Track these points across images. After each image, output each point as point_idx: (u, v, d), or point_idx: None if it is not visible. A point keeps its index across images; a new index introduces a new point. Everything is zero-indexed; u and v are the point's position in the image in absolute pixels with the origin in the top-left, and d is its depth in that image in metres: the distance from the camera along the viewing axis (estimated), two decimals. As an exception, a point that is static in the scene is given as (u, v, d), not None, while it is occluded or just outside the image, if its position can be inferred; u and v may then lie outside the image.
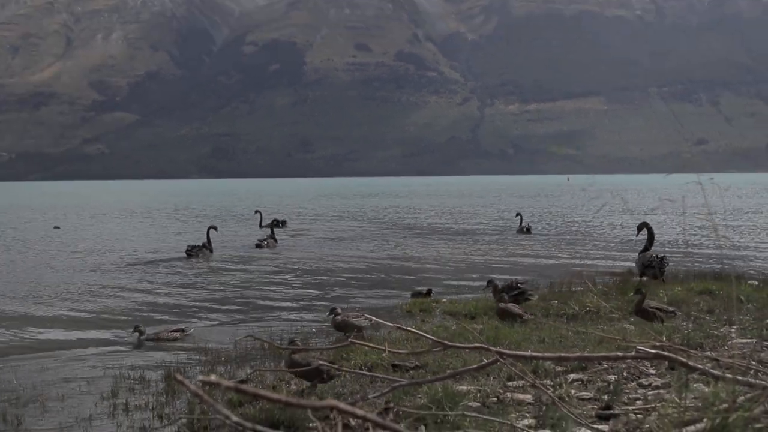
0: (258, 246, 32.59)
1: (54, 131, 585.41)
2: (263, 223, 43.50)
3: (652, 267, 17.30)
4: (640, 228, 18.97)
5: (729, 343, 10.50)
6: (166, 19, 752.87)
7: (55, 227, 46.18)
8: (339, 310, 12.97)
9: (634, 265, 18.57)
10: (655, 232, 18.74)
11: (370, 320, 12.83)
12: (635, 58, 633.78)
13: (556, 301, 15.15)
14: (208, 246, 31.08)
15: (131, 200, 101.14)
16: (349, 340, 9.41)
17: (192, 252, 30.37)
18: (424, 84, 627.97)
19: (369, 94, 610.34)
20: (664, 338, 9.37)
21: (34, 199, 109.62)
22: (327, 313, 13.34)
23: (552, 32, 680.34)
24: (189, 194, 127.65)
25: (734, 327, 11.78)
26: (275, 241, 33.73)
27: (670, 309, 12.91)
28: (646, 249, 18.13)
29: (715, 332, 11.34)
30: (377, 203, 79.82)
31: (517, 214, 41.07)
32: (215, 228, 33.04)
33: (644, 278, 17.38)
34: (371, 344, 8.52)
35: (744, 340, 10.65)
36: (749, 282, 16.89)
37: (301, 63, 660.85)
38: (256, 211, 45.94)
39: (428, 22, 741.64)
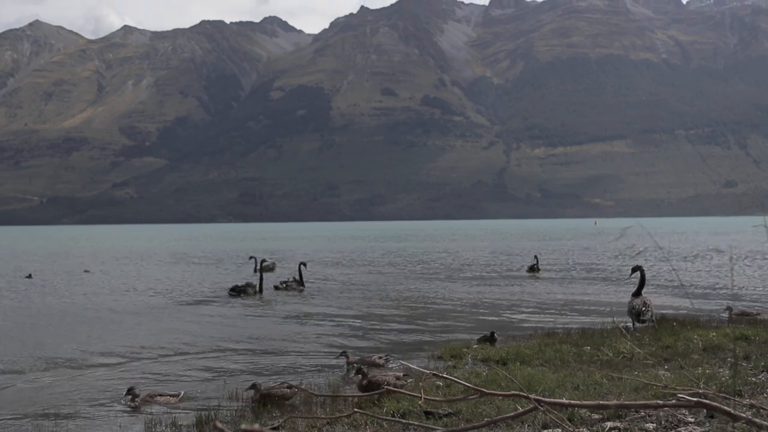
0: (276, 288, 32.66)
1: (84, 176, 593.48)
2: (257, 268, 43.69)
3: (644, 320, 17.38)
4: (633, 270, 18.94)
5: (768, 390, 10.41)
6: (196, 65, 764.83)
7: (85, 271, 46.73)
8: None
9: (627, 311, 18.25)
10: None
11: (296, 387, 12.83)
12: (661, 100, 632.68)
13: (589, 347, 14.97)
14: (258, 285, 31.72)
15: (157, 245, 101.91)
16: (385, 387, 9.34)
17: (235, 292, 30.96)
18: (450, 128, 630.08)
19: (395, 139, 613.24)
20: (702, 384, 9.54)
21: (65, 244, 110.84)
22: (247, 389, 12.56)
23: (577, 76, 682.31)
24: (210, 239, 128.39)
25: (772, 374, 11.57)
26: (302, 284, 33.47)
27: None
28: (638, 293, 18.11)
29: (754, 379, 11.13)
30: (398, 247, 79.76)
31: (535, 257, 42.87)
32: (272, 269, 33.50)
33: (638, 325, 17.39)
34: (406, 391, 8.48)
35: (783, 388, 10.51)
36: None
37: (327, 108, 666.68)
38: (251, 257, 45.89)
39: (454, 67, 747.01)
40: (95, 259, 62.57)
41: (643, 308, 17.56)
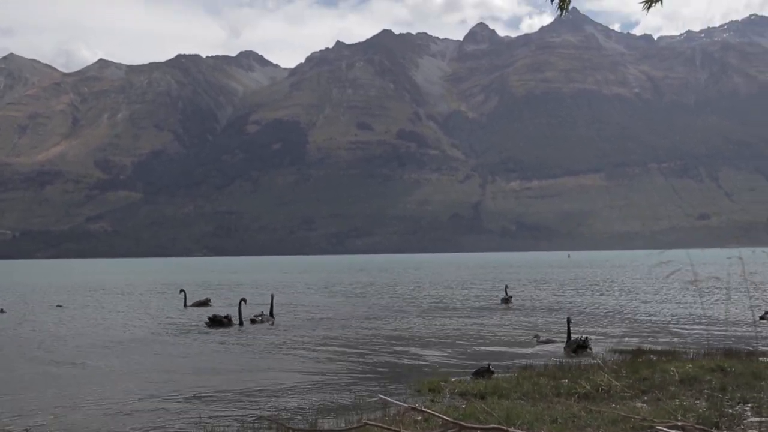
0: (252, 321, 32.79)
1: (58, 209, 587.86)
2: (188, 303, 43.76)
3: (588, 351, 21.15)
4: (568, 322, 23.10)
5: (745, 421, 10.39)
6: (171, 99, 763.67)
7: (58, 305, 46.25)
8: None
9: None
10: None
11: None
12: (634, 134, 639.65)
13: (567, 380, 14.97)
14: (237, 317, 32.02)
15: (124, 279, 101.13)
16: (364, 421, 9.35)
17: (215, 323, 31.16)
18: (426, 162, 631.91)
19: (371, 172, 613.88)
20: (680, 416, 9.54)
21: (36, 278, 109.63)
22: None
23: (552, 110, 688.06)
24: (181, 273, 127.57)
25: (749, 405, 11.63)
26: (272, 316, 34.08)
27: None
28: (569, 337, 22.32)
29: (730, 410, 11.18)
30: (372, 280, 79.59)
31: (506, 286, 44.84)
32: (245, 300, 33.91)
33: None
34: (385, 426, 8.70)
35: (759, 419, 10.51)
36: (760, 359, 16.73)
37: (303, 142, 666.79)
38: (181, 291, 45.85)
39: (429, 102, 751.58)
40: (68, 294, 61.94)
41: (585, 339, 21.86)
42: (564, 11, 10.44)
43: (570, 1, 10.34)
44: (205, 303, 43.89)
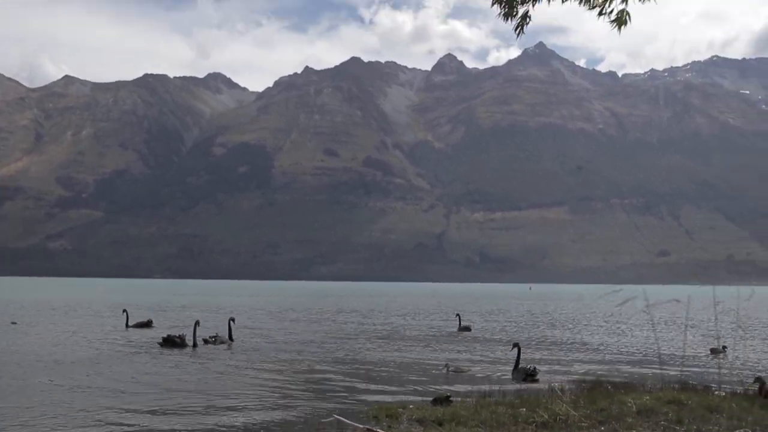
0: (205, 342, 32.57)
1: (17, 226, 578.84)
2: (129, 324, 43.50)
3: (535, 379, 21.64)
4: (514, 345, 23.69)
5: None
6: (138, 118, 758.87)
7: (12, 322, 45.44)
8: None
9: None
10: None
11: None
12: (598, 170, 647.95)
13: (525, 409, 14.89)
14: (191, 339, 31.61)
15: (81, 298, 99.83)
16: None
17: (168, 343, 30.69)
18: (391, 190, 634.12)
19: (336, 199, 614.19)
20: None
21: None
22: None
23: (518, 143, 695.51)
24: (138, 294, 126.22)
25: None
26: (231, 339, 33.83)
27: None
28: (517, 364, 22.86)
29: (686, 443, 11.19)
30: (332, 306, 79.34)
31: (457, 314, 44.88)
32: (198, 323, 33.40)
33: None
34: None
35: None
36: (716, 392, 16.82)
37: (269, 166, 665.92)
38: (124, 311, 45.69)
39: (396, 131, 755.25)
40: (24, 311, 60.87)
41: (534, 368, 22.27)
42: (520, 33, 10.65)
43: (525, 23, 10.54)
44: (147, 324, 43.45)
